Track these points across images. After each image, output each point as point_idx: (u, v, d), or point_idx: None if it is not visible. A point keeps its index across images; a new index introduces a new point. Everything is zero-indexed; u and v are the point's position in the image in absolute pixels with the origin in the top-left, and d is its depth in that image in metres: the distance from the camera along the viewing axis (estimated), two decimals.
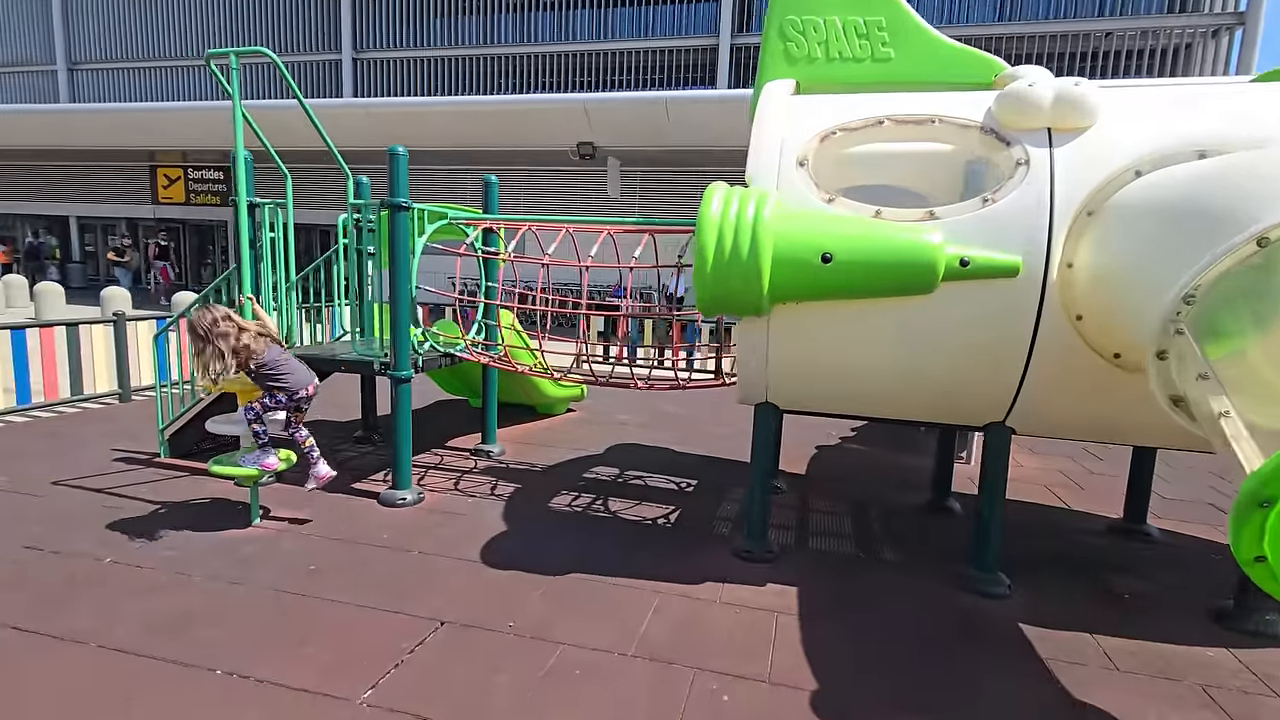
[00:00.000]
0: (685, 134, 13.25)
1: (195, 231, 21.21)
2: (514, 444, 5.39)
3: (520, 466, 4.86)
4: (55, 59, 20.27)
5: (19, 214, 22.27)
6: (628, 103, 13.05)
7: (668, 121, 12.79)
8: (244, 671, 2.33)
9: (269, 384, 3.46)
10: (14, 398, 5.65)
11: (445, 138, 14.82)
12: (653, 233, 3.85)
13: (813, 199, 2.88)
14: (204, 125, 16.65)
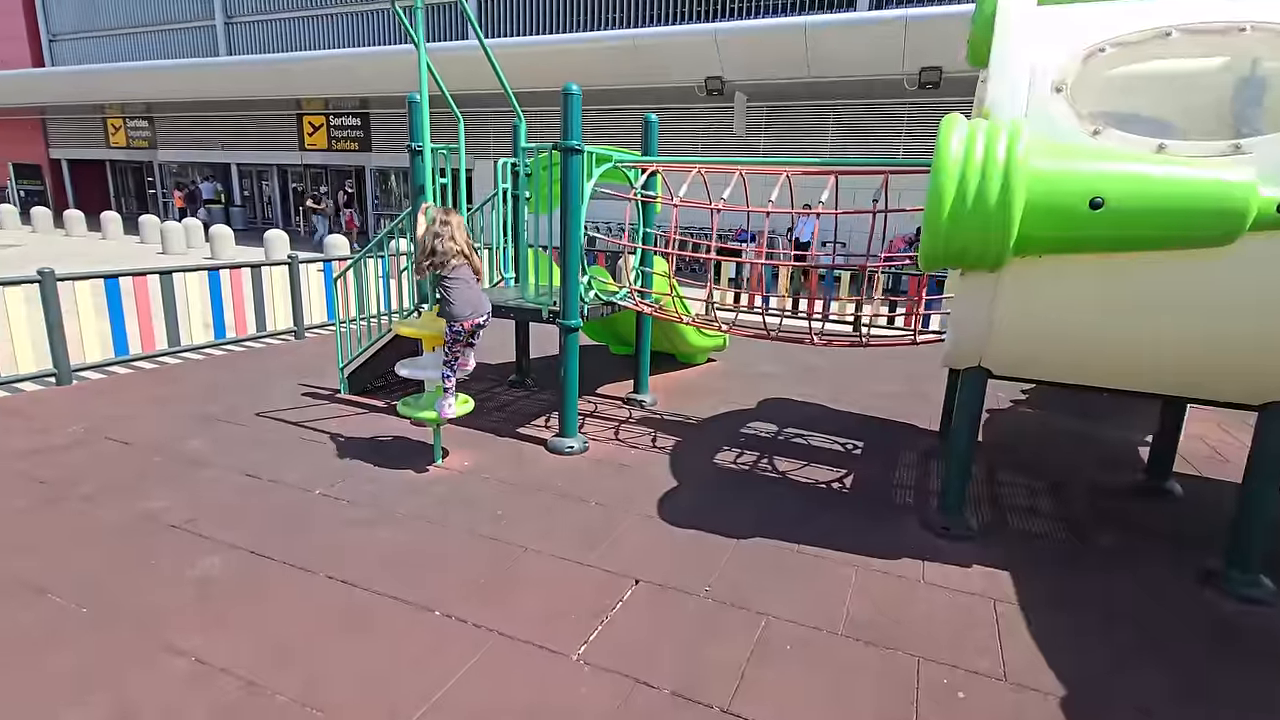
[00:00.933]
0: (822, 64, 12.26)
1: (336, 175, 22.56)
2: (663, 394, 5.31)
3: (674, 418, 4.78)
4: (214, 14, 21.80)
5: (189, 162, 24.61)
6: (763, 31, 12.18)
7: (805, 50, 11.85)
8: (461, 615, 2.40)
9: (442, 295, 3.43)
10: (213, 333, 6.22)
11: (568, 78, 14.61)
12: (841, 174, 3.49)
13: (1075, 132, 2.43)
14: (345, 72, 17.39)
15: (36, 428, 4.18)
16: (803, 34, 11.60)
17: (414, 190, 4.11)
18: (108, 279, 5.38)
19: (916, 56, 11.22)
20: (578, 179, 3.70)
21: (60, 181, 27.01)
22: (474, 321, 3.49)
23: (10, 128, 26.89)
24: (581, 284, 3.91)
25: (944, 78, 11.38)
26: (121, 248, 16.11)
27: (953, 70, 11.31)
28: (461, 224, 3.44)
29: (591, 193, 3.94)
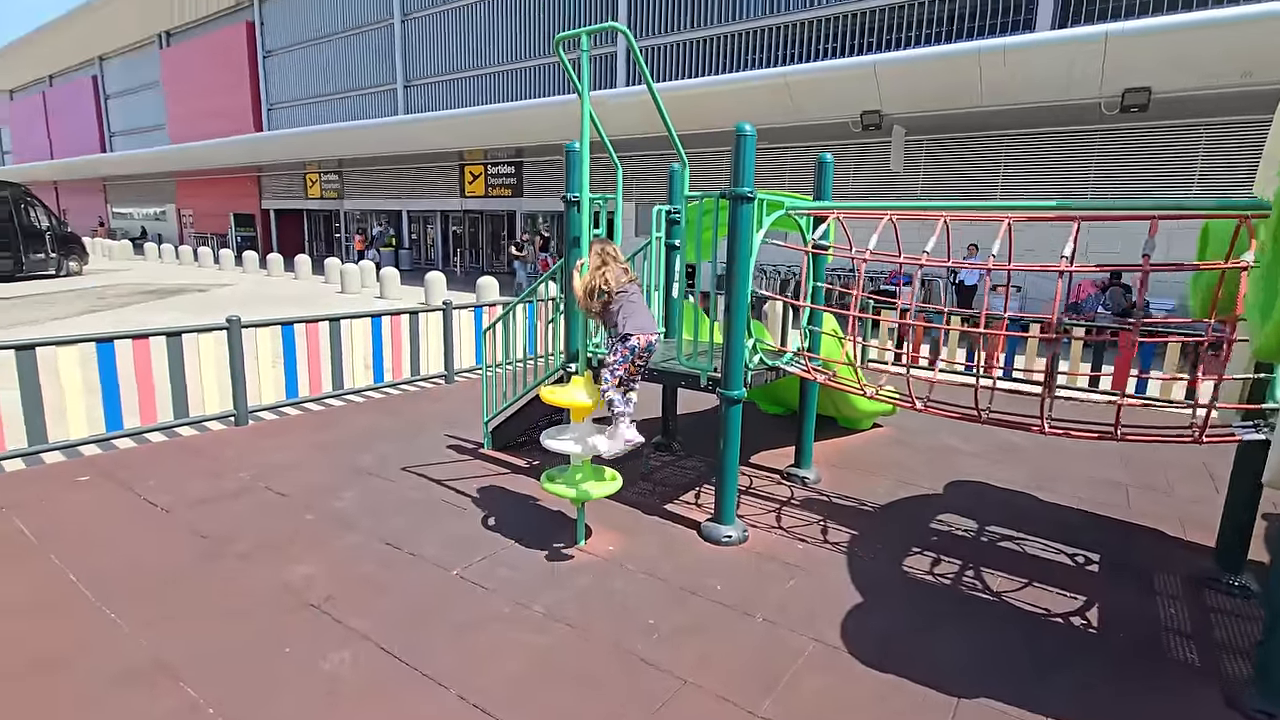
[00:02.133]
0: (997, 91, 11.08)
1: (490, 220, 24.09)
2: (828, 467, 4.64)
3: (846, 502, 4.10)
4: (396, 79, 24.42)
5: (368, 209, 27.48)
6: (928, 60, 11.26)
7: (977, 78, 10.77)
8: None
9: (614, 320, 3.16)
10: (372, 375, 6.44)
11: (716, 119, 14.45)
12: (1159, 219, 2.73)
13: None
14: (502, 124, 18.52)
15: (213, 470, 4.36)
16: (975, 60, 10.55)
17: (569, 242, 3.87)
18: (284, 326, 5.70)
19: (1119, 76, 9.76)
20: (748, 229, 3.24)
21: (268, 228, 31.26)
22: (648, 338, 3.14)
23: (234, 184, 31.68)
24: (747, 347, 3.42)
25: (1153, 99, 9.79)
26: (309, 287, 18.04)
27: (1165, 90, 9.71)
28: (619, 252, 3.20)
29: (760, 244, 3.47)
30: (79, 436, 4.59)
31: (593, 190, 3.52)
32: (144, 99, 36.80)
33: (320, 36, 27.07)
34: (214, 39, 31.29)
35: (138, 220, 39.73)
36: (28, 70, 44.85)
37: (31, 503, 3.79)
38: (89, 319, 11.43)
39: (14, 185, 18.33)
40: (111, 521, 3.59)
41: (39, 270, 18.09)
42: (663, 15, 17.79)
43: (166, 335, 4.95)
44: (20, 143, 47.71)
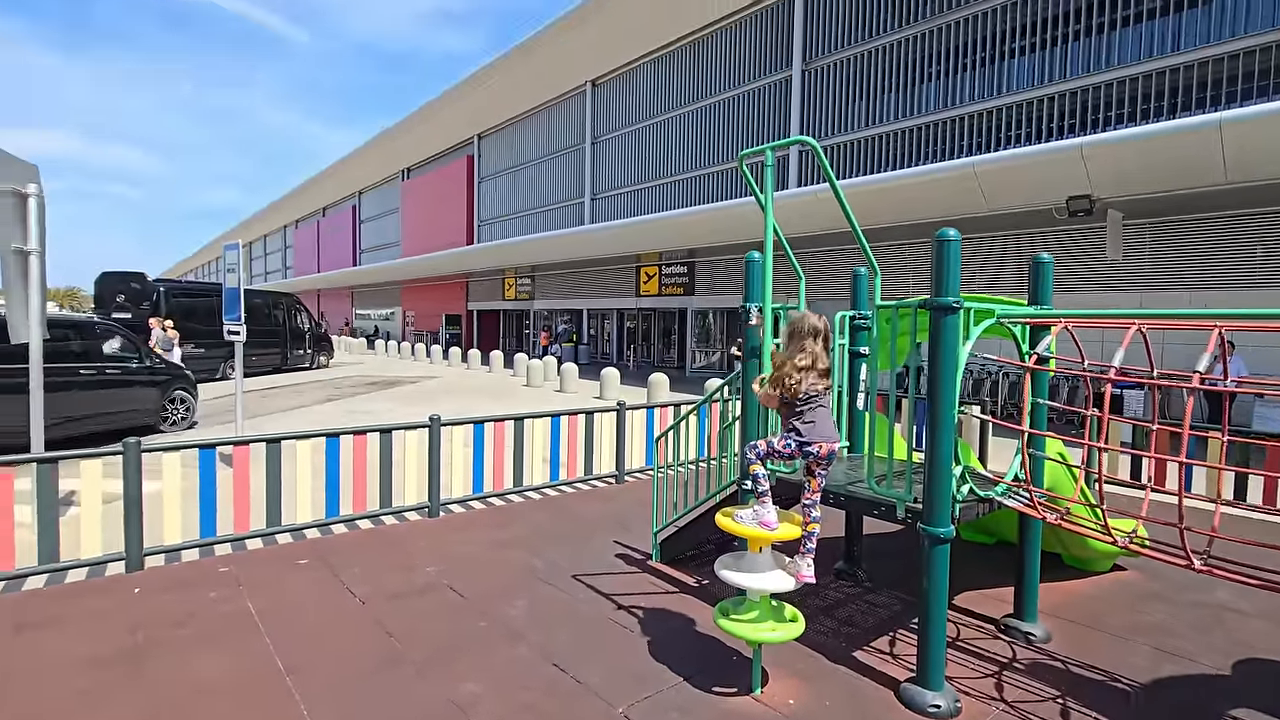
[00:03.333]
0: (1249, 164, 9.46)
1: (662, 318, 25.06)
2: (1058, 622, 3.80)
3: (1091, 673, 3.28)
4: (584, 193, 27.13)
5: (554, 308, 30.02)
6: (1153, 136, 10.00)
7: (1219, 151, 9.30)
8: None
9: (792, 416, 2.90)
10: (549, 472, 6.66)
11: (897, 213, 13.98)
12: None
13: None
14: (676, 230, 19.52)
15: (405, 563, 4.64)
16: (1217, 132, 9.16)
17: (747, 353, 3.73)
18: (476, 424, 6.13)
19: None
20: (953, 344, 2.87)
21: (471, 326, 35.35)
22: (830, 446, 2.85)
23: (447, 289, 36.56)
24: (954, 475, 2.96)
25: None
26: (500, 379, 19.79)
27: None
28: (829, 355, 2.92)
29: (967, 357, 3.06)
30: (304, 520, 5.18)
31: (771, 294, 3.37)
32: (387, 221, 44.51)
33: (522, 163, 31.12)
34: (442, 171, 37.34)
35: (373, 320, 47.11)
36: (308, 205, 56.66)
37: (262, 582, 4.26)
38: (327, 406, 13.40)
39: (289, 296, 22.68)
40: (319, 608, 3.89)
41: (298, 364, 21.88)
42: (836, 115, 18.00)
43: (380, 432, 5.53)
44: (299, 260, 59.67)
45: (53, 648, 3.37)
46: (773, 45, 19.54)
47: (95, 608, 3.86)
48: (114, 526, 4.51)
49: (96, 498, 4.40)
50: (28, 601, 3.96)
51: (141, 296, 16.66)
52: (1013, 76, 14.47)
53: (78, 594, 4.08)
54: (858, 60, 17.40)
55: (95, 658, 3.27)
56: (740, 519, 2.88)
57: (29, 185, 5.22)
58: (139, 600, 3.98)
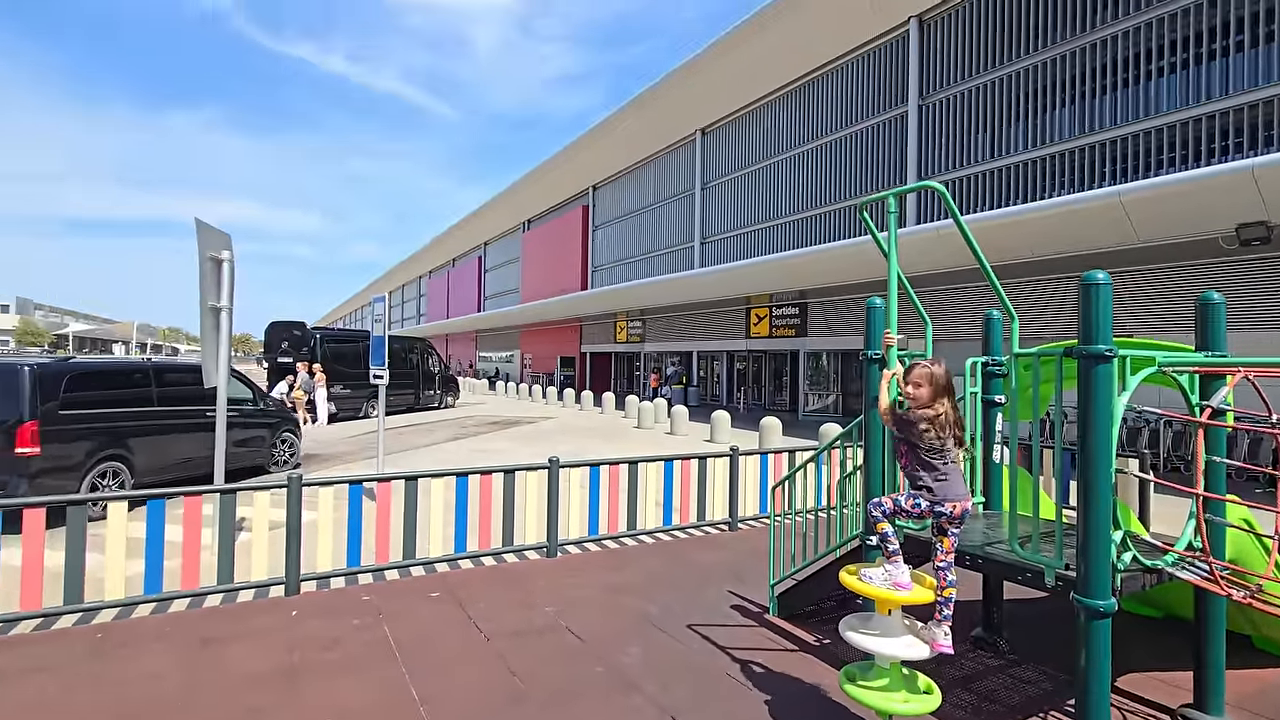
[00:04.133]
0: None
1: (772, 359, 24.65)
2: (1248, 717, 3.26)
3: None
4: (694, 238, 27.61)
5: (664, 351, 30.40)
6: None
7: None
8: None
9: (917, 474, 2.75)
10: (662, 516, 6.68)
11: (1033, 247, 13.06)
12: None
13: None
14: (787, 272, 19.30)
15: (526, 601, 4.81)
16: None
17: (867, 404, 3.61)
18: (592, 467, 6.30)
19: None
20: (1107, 395, 2.63)
21: (584, 369, 36.51)
22: (963, 505, 2.71)
23: (562, 332, 38.14)
24: (1114, 541, 2.67)
25: None
26: (612, 420, 20.20)
27: None
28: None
29: (1123, 409, 2.79)
30: (436, 554, 5.52)
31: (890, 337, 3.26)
32: (509, 270, 47.42)
33: (634, 210, 32.22)
34: (559, 221, 39.45)
35: (494, 362, 49.92)
36: (440, 256, 61.64)
37: (398, 613, 4.57)
38: (454, 445, 14.27)
39: (422, 340, 24.61)
40: (448, 641, 4.11)
41: (428, 404, 23.55)
42: (956, 148, 17.24)
43: (504, 472, 5.82)
44: (431, 307, 64.75)
45: (230, 663, 3.78)
46: (887, 83, 19.19)
47: (261, 627, 4.30)
48: (274, 553, 5.03)
49: (264, 525, 4.95)
50: (210, 618, 4.48)
51: (301, 343, 18.73)
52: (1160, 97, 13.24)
53: (247, 614, 4.57)
54: (978, 92, 16.67)
55: (260, 675, 3.63)
56: (869, 579, 2.75)
57: (224, 252, 6.11)
58: (295, 623, 4.38)
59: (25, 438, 6.78)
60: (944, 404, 2.70)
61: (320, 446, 13.96)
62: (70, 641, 4.05)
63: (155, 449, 8.15)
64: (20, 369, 7.04)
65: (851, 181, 20.35)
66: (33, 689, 3.46)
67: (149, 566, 4.54)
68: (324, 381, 18.29)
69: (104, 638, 4.11)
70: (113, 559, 4.47)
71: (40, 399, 6.98)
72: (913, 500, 2.74)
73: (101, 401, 7.66)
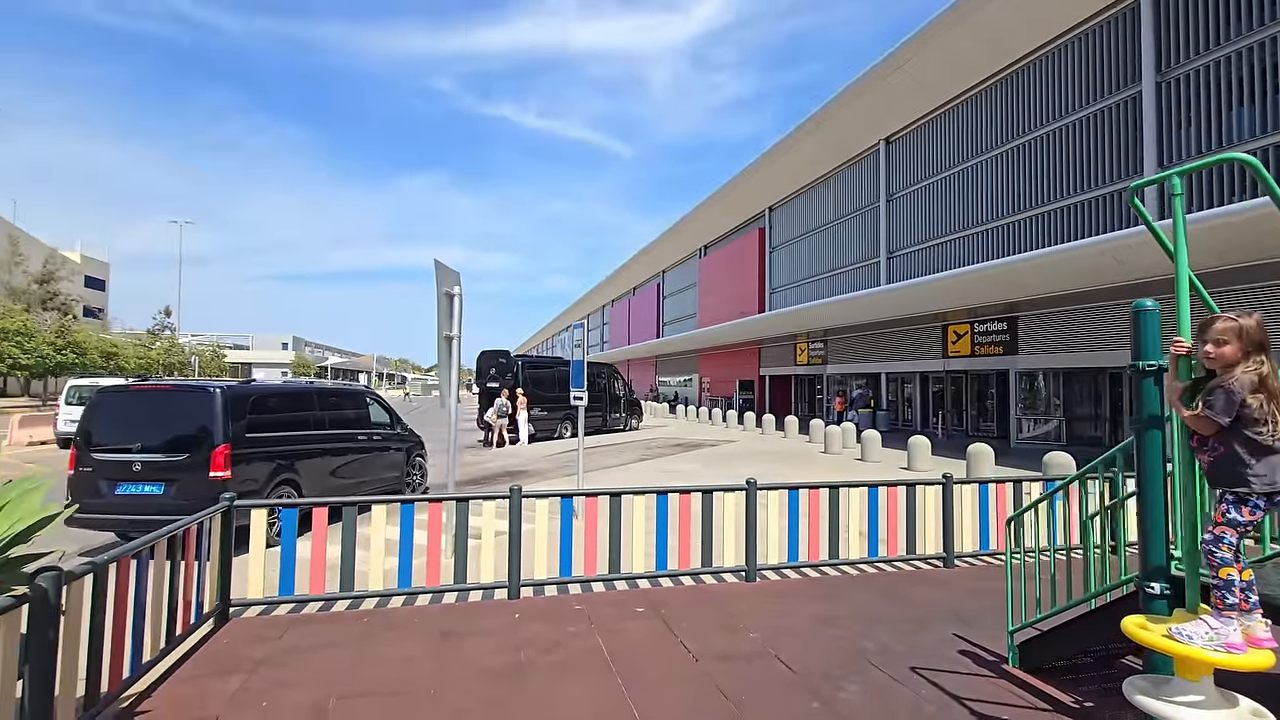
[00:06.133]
0: None
1: (976, 379, 22.28)
2: None
3: None
4: (879, 252, 26.05)
5: (848, 373, 28.91)
6: None
7: None
8: None
9: (1241, 467, 2.22)
10: (867, 547, 6.24)
11: None
12: None
13: None
14: (990, 283, 17.42)
15: (729, 624, 4.73)
16: None
17: (1142, 424, 3.05)
18: (790, 490, 6.09)
19: None
20: None
21: (763, 392, 35.95)
22: None
23: (740, 355, 37.97)
24: None
25: None
26: (796, 445, 19.55)
27: None
28: None
29: None
30: (639, 570, 5.66)
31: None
32: (686, 295, 48.50)
33: (813, 229, 31.30)
34: (735, 245, 39.60)
35: (672, 386, 51.08)
36: (622, 286, 64.87)
37: (608, 624, 4.73)
38: (642, 465, 14.73)
39: (608, 366, 25.93)
40: (659, 657, 4.16)
41: (615, 426, 24.67)
42: (1209, 128, 14.43)
43: (701, 492, 5.83)
44: (614, 334, 68.25)
45: (468, 655, 4.17)
46: (1107, 64, 16.73)
47: (490, 626, 4.70)
48: (499, 559, 5.50)
49: (491, 533, 5.44)
50: (448, 613, 5.00)
51: (506, 369, 20.67)
52: None
53: (477, 613, 5.02)
54: (1234, 60, 13.85)
55: (494, 670, 3.95)
56: (1188, 638, 2.27)
57: (455, 287, 6.94)
58: (519, 625, 4.73)
59: (219, 461, 6.59)
60: (1263, 362, 2.19)
61: (523, 464, 15.19)
62: (347, 624, 4.75)
63: (319, 471, 8.06)
64: (213, 391, 6.87)
65: (1064, 181, 17.93)
66: (328, 661, 4.09)
67: (401, 563, 5.19)
68: (525, 404, 19.96)
69: (369, 622, 4.76)
70: (375, 555, 5.19)
71: (231, 421, 6.83)
72: (1250, 509, 2.23)
73: (277, 424, 7.59)
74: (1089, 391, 18.13)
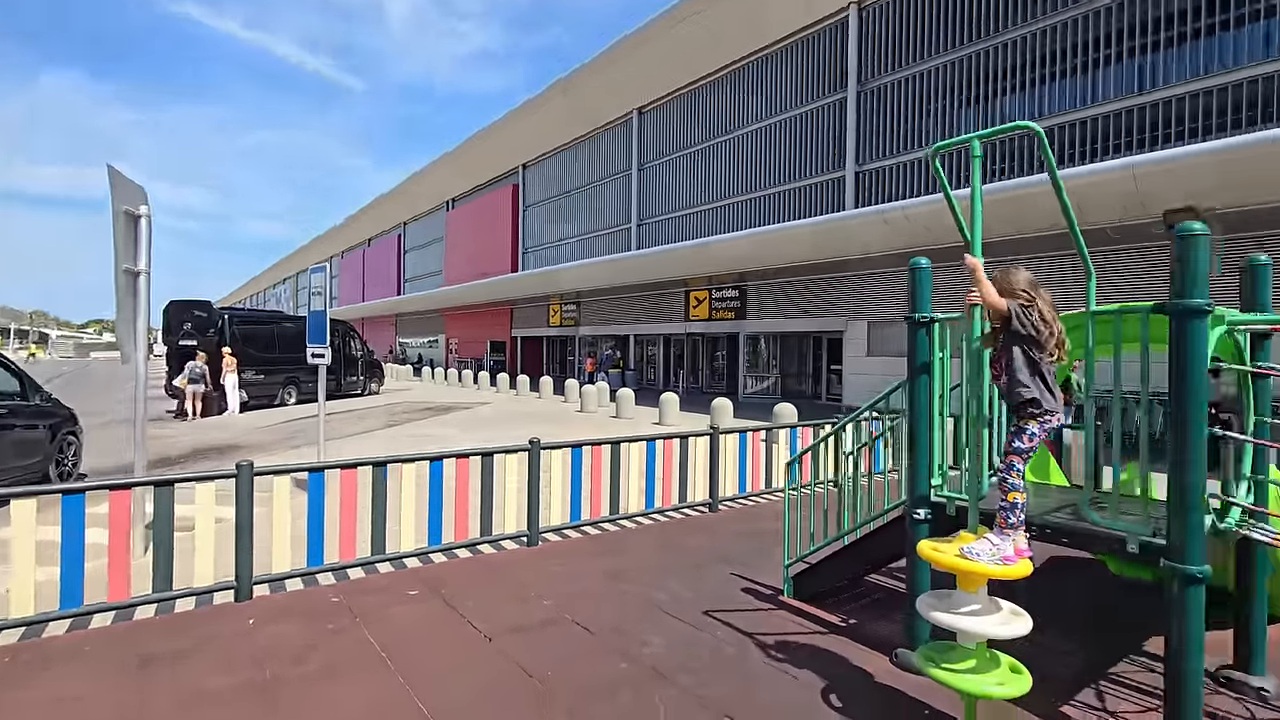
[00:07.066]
0: None
1: (711, 342, 24.76)
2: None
3: None
4: (631, 219, 27.22)
5: (599, 335, 29.97)
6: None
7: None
8: None
9: (1021, 387, 2.56)
10: (644, 500, 6.34)
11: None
12: None
13: None
14: (729, 254, 19.24)
15: (518, 595, 4.36)
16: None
17: (913, 370, 3.40)
18: (574, 448, 5.87)
19: None
20: (1202, 353, 2.50)
21: (515, 353, 35.50)
22: (1058, 418, 2.59)
23: (491, 315, 36.90)
24: (1212, 506, 2.56)
25: None
26: (553, 405, 19.63)
27: None
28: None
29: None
30: (407, 549, 4.95)
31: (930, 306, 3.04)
32: (431, 251, 45.39)
33: (567, 190, 31.44)
34: (487, 200, 38.02)
35: (415, 348, 47.81)
36: (354, 237, 58.27)
37: (375, 612, 4.01)
38: (391, 431, 13.35)
39: (344, 323, 23.02)
40: (445, 642, 3.62)
41: (352, 390, 22.11)
42: (893, 135, 17.67)
43: (481, 455, 5.30)
44: (345, 290, 61.19)
45: (181, 683, 3.15)
46: (820, 69, 19.40)
47: (213, 639, 3.65)
48: (220, 555, 4.33)
49: (210, 522, 4.23)
50: (142, 632, 3.77)
51: (207, 324, 17.02)
52: (1104, 85, 14.00)
53: (192, 624, 3.88)
54: (917, 79, 17.10)
55: (222, 695, 3.03)
56: (975, 555, 2.51)
57: (140, 206, 5.22)
58: (255, 631, 3.76)
59: None
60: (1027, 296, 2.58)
61: (234, 437, 12.72)
62: None
63: None
64: None
65: (789, 166, 20.53)
66: None
67: (65, 575, 3.76)
68: (234, 367, 16.71)
69: (11, 661, 3.36)
70: (19, 567, 3.67)
71: None
72: (1030, 436, 2.55)
73: None
74: (799, 352, 21.30)
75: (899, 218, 14.41)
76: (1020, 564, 2.52)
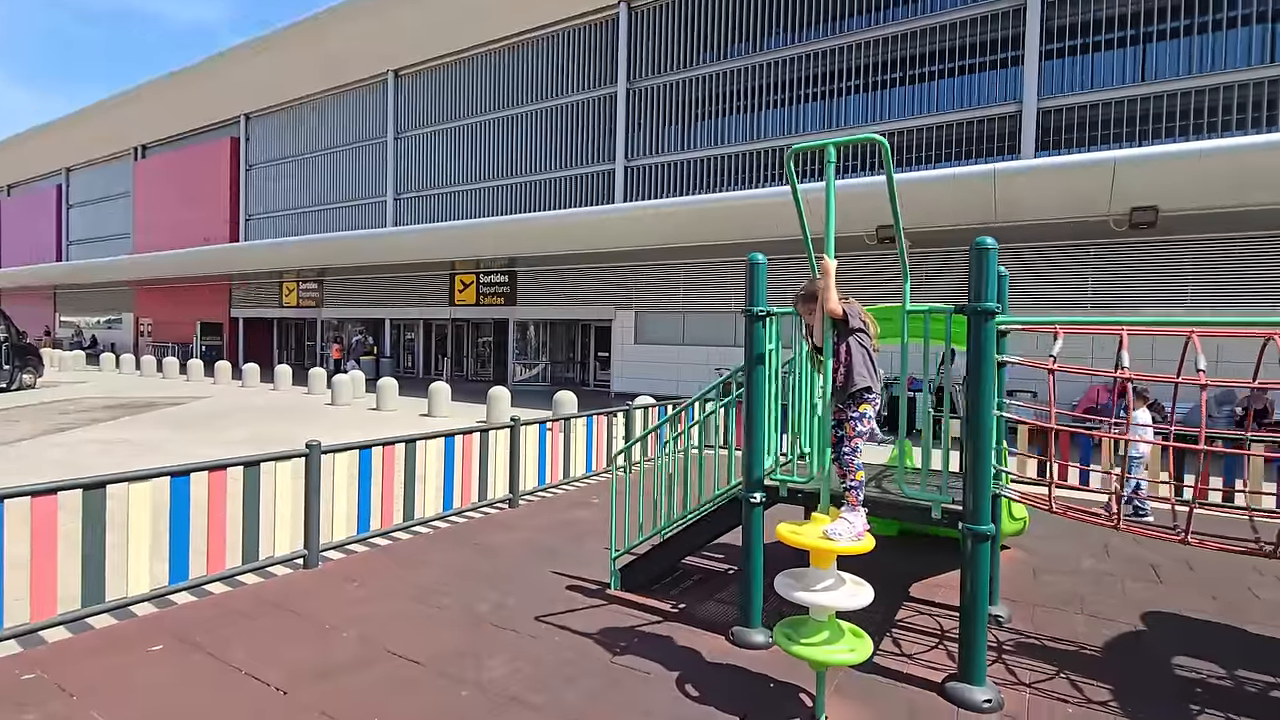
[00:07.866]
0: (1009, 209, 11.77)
1: (477, 328, 23.85)
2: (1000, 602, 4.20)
3: (1061, 645, 3.64)
4: (386, 191, 24.78)
5: (348, 318, 26.94)
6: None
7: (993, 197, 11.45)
8: None
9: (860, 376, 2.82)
10: (443, 502, 5.78)
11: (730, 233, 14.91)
12: None
13: None
14: (498, 236, 18.70)
15: (309, 631, 3.63)
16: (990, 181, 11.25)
17: (751, 360, 3.55)
18: (362, 449, 5.09)
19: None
20: (990, 348, 3.00)
21: (235, 337, 30.17)
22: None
23: (203, 292, 30.84)
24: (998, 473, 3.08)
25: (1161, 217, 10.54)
26: (294, 398, 17.07)
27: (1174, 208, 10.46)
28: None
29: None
30: (138, 592, 3.81)
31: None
32: (110, 208, 36.28)
33: (307, 151, 27.54)
34: (193, 152, 31.53)
35: (87, 329, 37.95)
36: None
37: (106, 685, 3.00)
38: (65, 438, 10.31)
39: None
40: (222, 709, 2.83)
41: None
42: (658, 136, 18.74)
43: (245, 465, 4.29)
44: None
45: None
46: (592, 61, 19.76)
47: None
48: None
49: None
50: None
51: None
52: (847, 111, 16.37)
53: None
54: (682, 85, 18.32)
55: None
56: (837, 535, 2.67)
57: None
58: None
59: None
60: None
61: None
62: None
63: None
64: None
65: (560, 152, 20.56)
66: None
67: None
68: None
69: None
70: None
71: None
72: (867, 419, 2.83)
73: None
74: (568, 339, 21.56)
75: (668, 214, 15.35)
76: (868, 539, 2.77)
